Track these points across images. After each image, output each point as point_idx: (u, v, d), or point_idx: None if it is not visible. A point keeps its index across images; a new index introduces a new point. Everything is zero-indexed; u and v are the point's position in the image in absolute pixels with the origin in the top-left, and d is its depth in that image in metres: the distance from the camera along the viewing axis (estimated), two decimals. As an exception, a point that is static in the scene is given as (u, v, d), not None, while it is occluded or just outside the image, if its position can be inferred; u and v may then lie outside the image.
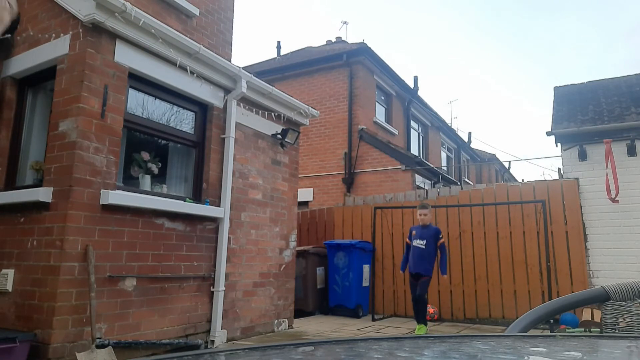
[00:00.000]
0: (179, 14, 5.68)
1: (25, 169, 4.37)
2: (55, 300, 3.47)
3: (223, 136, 5.10)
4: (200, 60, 4.71)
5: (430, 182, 10.33)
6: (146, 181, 4.47)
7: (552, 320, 5.44)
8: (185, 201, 4.59)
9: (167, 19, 5.31)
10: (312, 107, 6.56)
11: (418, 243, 5.77)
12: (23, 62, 4.33)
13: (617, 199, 6.04)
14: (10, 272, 3.81)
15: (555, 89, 8.58)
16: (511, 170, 22.40)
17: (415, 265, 5.74)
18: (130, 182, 4.39)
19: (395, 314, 7.41)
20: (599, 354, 0.62)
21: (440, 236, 5.84)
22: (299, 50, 14.17)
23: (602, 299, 1.07)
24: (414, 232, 5.95)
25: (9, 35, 4.50)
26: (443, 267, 5.78)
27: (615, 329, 1.05)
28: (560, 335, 0.67)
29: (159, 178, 4.69)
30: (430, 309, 6.45)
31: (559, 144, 6.96)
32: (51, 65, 4.09)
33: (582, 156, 6.67)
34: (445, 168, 15.44)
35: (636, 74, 8.45)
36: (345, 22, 15.35)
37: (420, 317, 5.67)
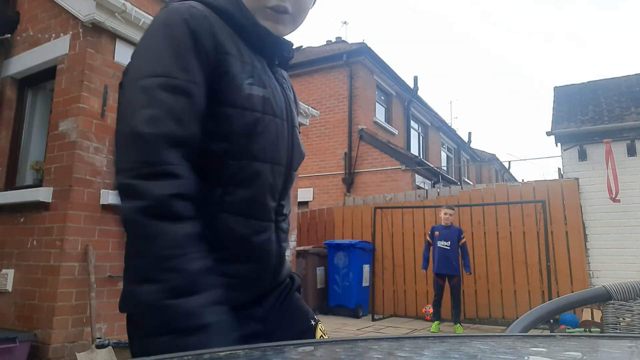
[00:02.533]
0: (179, 14, 5.68)
1: (25, 169, 4.37)
2: (55, 300, 3.47)
3: (223, 136, 5.09)
4: (200, 60, 4.70)
5: (430, 182, 10.33)
6: (146, 181, 4.46)
7: (552, 320, 5.44)
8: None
9: (167, 19, 5.31)
10: (312, 107, 6.56)
11: (443, 244, 5.96)
12: (23, 62, 4.32)
13: (617, 198, 6.04)
14: (10, 272, 3.81)
15: (555, 89, 8.58)
16: (511, 170, 22.40)
17: (442, 266, 5.97)
18: (130, 182, 4.38)
19: (395, 314, 7.40)
20: (599, 354, 0.62)
21: (462, 236, 6.07)
22: (298, 50, 14.17)
23: (603, 298, 1.07)
24: (436, 233, 6.07)
25: (9, 35, 4.50)
26: (467, 267, 6.03)
27: (616, 329, 1.05)
28: (560, 335, 0.67)
29: (159, 178, 4.69)
30: (431, 309, 6.46)
31: (559, 144, 6.96)
32: (51, 65, 4.09)
33: (582, 156, 6.67)
34: (445, 168, 15.44)
35: (636, 74, 8.45)
36: (345, 22, 15.36)
37: (458, 317, 6.01)
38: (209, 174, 0.80)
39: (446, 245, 5.94)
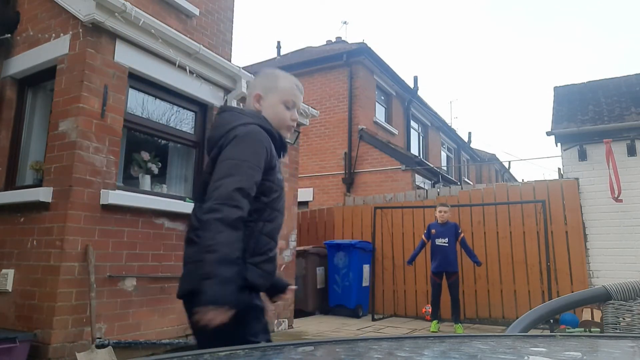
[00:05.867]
0: (179, 14, 5.68)
1: (25, 169, 4.37)
2: (55, 300, 3.47)
3: (223, 136, 5.08)
4: (200, 60, 4.71)
5: (430, 182, 10.33)
6: (146, 181, 4.47)
7: (552, 320, 5.44)
8: (185, 201, 4.59)
9: (167, 19, 5.31)
10: (312, 107, 6.56)
11: (441, 242, 5.96)
12: (23, 62, 4.32)
13: (620, 198, 6.04)
14: (10, 272, 3.81)
15: (555, 89, 8.58)
16: (511, 170, 22.39)
17: (441, 264, 5.94)
18: (130, 182, 4.39)
19: (395, 314, 7.40)
20: (599, 354, 0.62)
21: (460, 231, 6.06)
22: (299, 50, 14.17)
23: (603, 298, 1.07)
24: (433, 231, 6.06)
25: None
26: (474, 259, 6.00)
27: (616, 329, 1.05)
28: (560, 335, 0.67)
29: (159, 178, 4.69)
30: (430, 309, 6.45)
31: (559, 144, 6.95)
32: (51, 65, 4.09)
33: (582, 156, 6.67)
34: (445, 168, 15.43)
35: (636, 74, 8.45)
36: (345, 22, 15.36)
37: (457, 317, 5.97)
38: (257, 212, 1.51)
39: (444, 243, 5.93)
